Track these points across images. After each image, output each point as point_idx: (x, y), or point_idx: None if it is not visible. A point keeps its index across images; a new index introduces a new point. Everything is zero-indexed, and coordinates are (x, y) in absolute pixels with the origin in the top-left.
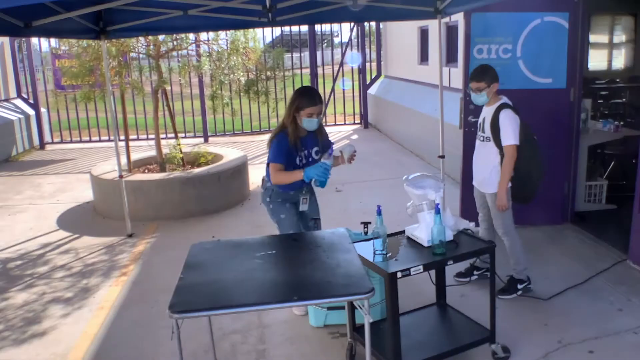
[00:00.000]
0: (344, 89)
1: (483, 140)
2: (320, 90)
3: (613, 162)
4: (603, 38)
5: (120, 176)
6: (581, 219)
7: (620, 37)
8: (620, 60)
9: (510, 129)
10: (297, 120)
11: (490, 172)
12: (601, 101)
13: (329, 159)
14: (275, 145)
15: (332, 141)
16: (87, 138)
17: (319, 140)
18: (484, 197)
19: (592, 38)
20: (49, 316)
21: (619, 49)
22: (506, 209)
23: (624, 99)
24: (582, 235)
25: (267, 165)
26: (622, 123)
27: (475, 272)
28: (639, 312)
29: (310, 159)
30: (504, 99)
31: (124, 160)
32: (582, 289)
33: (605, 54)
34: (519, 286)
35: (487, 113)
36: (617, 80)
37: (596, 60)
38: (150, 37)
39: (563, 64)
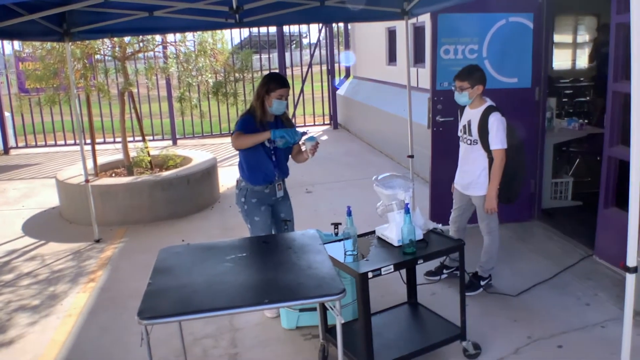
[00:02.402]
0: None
1: (470, 144)
2: (289, 92)
3: (578, 160)
4: (567, 38)
5: (87, 180)
6: (548, 216)
7: (583, 36)
8: (584, 60)
9: (499, 133)
10: (265, 104)
11: (478, 175)
12: (566, 100)
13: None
14: (240, 122)
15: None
16: (53, 142)
17: (286, 127)
18: (465, 199)
19: (557, 38)
20: (15, 325)
21: (582, 48)
22: (495, 211)
23: (587, 98)
24: (549, 231)
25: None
26: (586, 121)
27: (445, 271)
28: (606, 307)
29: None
30: (490, 102)
31: (90, 164)
32: (550, 284)
33: (569, 54)
34: (482, 282)
35: (472, 116)
36: (581, 79)
37: (560, 60)
38: (115, 39)
39: (528, 63)
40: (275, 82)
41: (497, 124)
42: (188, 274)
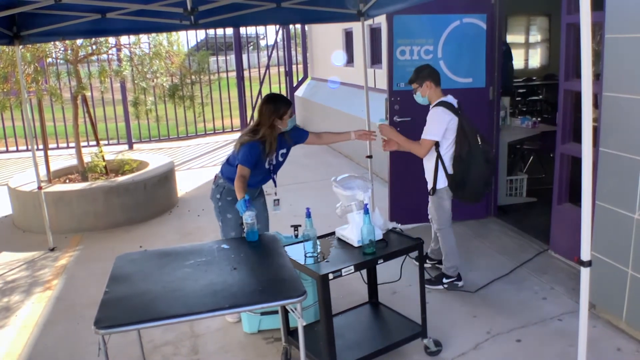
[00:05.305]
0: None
1: None
2: (247, 94)
3: (532, 157)
4: (520, 38)
5: (40, 187)
6: (504, 213)
7: (535, 36)
8: (536, 59)
9: (432, 124)
10: (276, 127)
11: (432, 172)
12: (519, 99)
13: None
14: (247, 150)
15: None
16: (4, 148)
17: (286, 140)
18: None
19: (510, 38)
20: None
21: (534, 48)
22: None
23: (540, 96)
24: (505, 228)
25: (231, 164)
26: (539, 119)
27: (428, 261)
28: (562, 300)
29: (275, 162)
30: (445, 98)
31: (43, 170)
32: (507, 280)
33: (522, 54)
34: (445, 280)
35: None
36: (534, 78)
37: (514, 60)
38: (67, 42)
39: (482, 64)
40: (283, 103)
41: (433, 116)
42: (146, 280)
